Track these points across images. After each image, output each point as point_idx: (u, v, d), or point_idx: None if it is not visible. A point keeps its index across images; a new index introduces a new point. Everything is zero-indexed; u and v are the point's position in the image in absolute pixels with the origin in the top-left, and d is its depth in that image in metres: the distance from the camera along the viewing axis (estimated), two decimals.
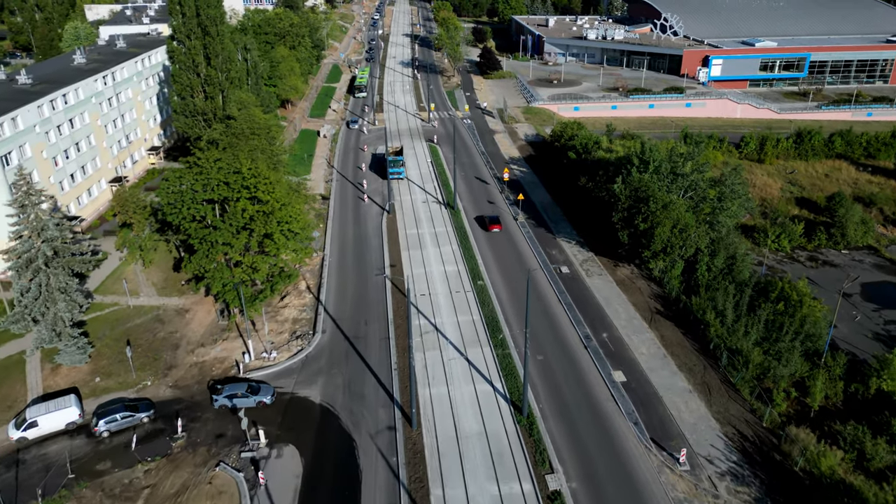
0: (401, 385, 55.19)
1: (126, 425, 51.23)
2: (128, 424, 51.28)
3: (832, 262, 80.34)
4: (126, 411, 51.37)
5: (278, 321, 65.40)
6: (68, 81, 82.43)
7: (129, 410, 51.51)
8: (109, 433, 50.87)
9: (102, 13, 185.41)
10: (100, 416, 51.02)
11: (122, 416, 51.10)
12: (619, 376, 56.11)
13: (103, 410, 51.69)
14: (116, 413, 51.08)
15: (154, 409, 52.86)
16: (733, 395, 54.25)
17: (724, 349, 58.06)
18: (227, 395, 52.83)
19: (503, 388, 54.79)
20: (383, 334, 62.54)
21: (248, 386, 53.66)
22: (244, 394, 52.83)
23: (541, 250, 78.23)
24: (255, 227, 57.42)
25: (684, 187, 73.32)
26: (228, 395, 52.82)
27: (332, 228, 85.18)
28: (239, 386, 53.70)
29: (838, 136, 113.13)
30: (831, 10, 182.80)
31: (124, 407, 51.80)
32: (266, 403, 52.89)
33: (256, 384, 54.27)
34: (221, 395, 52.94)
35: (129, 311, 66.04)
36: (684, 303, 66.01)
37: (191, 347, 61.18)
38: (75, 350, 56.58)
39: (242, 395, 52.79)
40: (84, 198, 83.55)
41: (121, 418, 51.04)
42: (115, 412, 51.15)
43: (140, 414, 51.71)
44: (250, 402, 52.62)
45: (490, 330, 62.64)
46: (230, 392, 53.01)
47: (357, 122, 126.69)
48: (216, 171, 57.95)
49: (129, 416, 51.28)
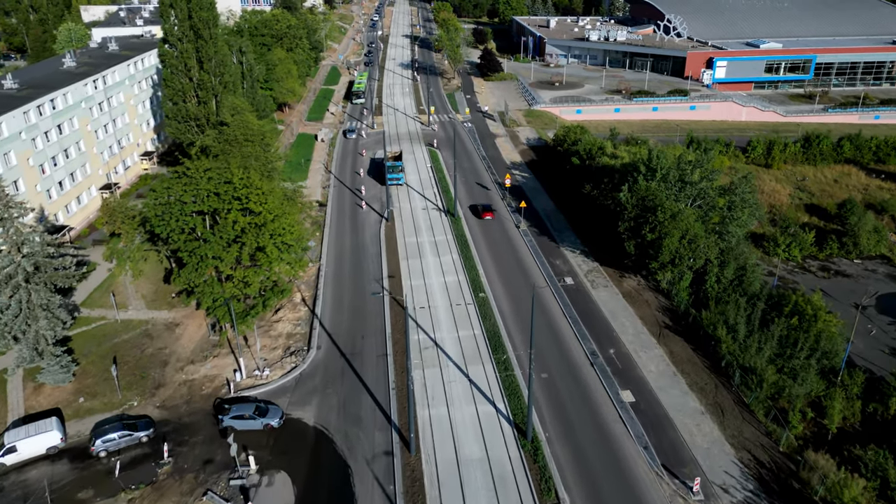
0: (399, 406, 52.68)
1: (124, 445, 49.04)
2: (126, 444, 49.08)
3: (845, 273, 77.81)
4: (125, 430, 49.27)
5: (272, 336, 62.90)
6: (57, 86, 79.93)
7: (127, 429, 49.40)
8: (107, 452, 48.71)
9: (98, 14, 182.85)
10: (97, 435, 48.94)
11: (119, 434, 48.98)
12: (628, 396, 53.61)
13: (101, 429, 49.54)
14: (114, 432, 48.99)
15: (154, 428, 50.60)
16: (747, 416, 51.74)
17: (736, 367, 55.57)
18: (234, 416, 50.22)
19: (506, 410, 52.27)
20: (381, 350, 60.07)
21: (255, 407, 50.91)
22: (251, 415, 50.14)
23: (544, 260, 75.71)
24: (246, 239, 54.90)
25: (693, 196, 70.80)
26: (235, 416, 50.21)
27: (329, 237, 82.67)
28: (246, 407, 51.00)
29: (847, 140, 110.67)
30: (836, 10, 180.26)
31: (123, 426, 49.63)
32: (273, 427, 50.15)
33: (265, 405, 51.52)
34: (228, 416, 50.33)
35: (116, 326, 63.53)
36: (694, 317, 63.50)
37: (180, 364, 58.69)
38: (58, 369, 54.09)
39: (249, 416, 50.12)
40: (73, 206, 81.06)
41: (119, 437, 48.92)
42: (113, 431, 49.05)
43: (139, 433, 49.54)
44: (257, 424, 49.98)
45: (492, 346, 60.13)
46: (237, 413, 50.36)
47: (354, 132, 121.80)
48: (206, 182, 55.45)
49: (127, 434, 49.15)
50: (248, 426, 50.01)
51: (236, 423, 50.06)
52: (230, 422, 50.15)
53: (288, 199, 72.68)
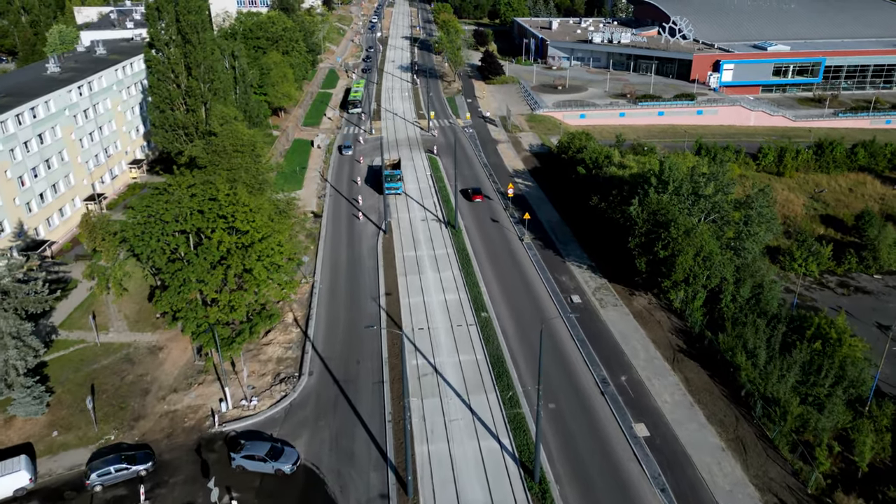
0: (395, 441, 48.93)
1: (121, 479, 45.71)
2: (123, 478, 45.76)
3: (865, 289, 74.08)
4: (122, 463, 45.98)
5: (261, 361, 59.13)
6: (38, 93, 76.19)
7: (125, 462, 46.12)
8: (103, 487, 45.45)
9: (92, 16, 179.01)
10: (93, 469, 45.79)
11: (116, 468, 45.72)
12: (642, 430, 49.85)
13: (97, 462, 46.37)
14: (111, 465, 45.76)
15: (154, 461, 47.11)
16: (771, 452, 47.99)
17: (757, 397, 51.81)
18: (245, 456, 46.30)
19: (511, 446, 48.51)
20: (377, 376, 56.34)
21: (270, 447, 46.65)
22: (263, 457, 45.99)
23: (549, 276, 71.98)
24: (231, 261, 51.12)
25: (707, 210, 67.04)
26: (246, 456, 46.28)
27: (324, 250, 78.94)
28: (260, 446, 46.81)
29: (861, 147, 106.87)
30: (844, 12, 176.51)
31: (120, 458, 46.32)
32: (285, 473, 45.89)
33: (281, 446, 47.35)
34: (240, 455, 46.41)
35: (95, 350, 59.76)
36: (709, 339, 59.75)
37: (162, 393, 54.93)
38: (31, 400, 50.36)
39: (261, 458, 46.01)
40: (55, 218, 77.35)
41: (115, 471, 45.65)
42: (109, 464, 45.86)
43: (137, 466, 46.26)
44: (268, 468, 45.86)
45: (495, 373, 56.36)
46: (249, 452, 46.38)
47: (350, 149, 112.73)
48: (189, 199, 51.69)
49: (124, 468, 45.83)
50: (258, 468, 45.97)
51: (247, 464, 46.17)
52: (241, 461, 46.28)
53: (280, 213, 69.07)
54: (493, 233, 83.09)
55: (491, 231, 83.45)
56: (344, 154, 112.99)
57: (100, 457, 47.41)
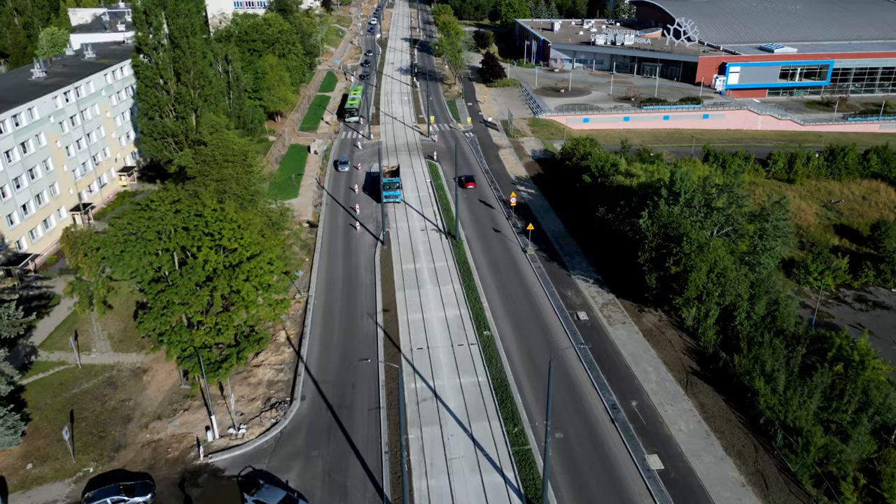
0: (392, 475, 45.80)
1: None
2: None
3: (884, 304, 70.95)
4: (119, 495, 43.35)
5: (251, 384, 56.00)
6: (21, 100, 73.08)
7: (124, 493, 43.53)
8: None
9: (87, 17, 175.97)
10: (88, 500, 43.37)
11: (113, 500, 43.17)
12: (655, 462, 46.73)
13: (93, 494, 43.79)
14: (108, 496, 43.31)
15: (153, 493, 44.32)
16: (794, 487, 44.90)
17: (778, 426, 48.67)
18: (258, 501, 42.82)
19: (516, 480, 45.39)
20: (373, 402, 53.20)
21: (285, 496, 42.94)
22: None
23: (554, 291, 68.87)
24: (218, 283, 47.98)
25: (720, 223, 63.91)
26: (258, 501, 42.80)
27: (320, 263, 75.81)
28: (274, 494, 43.13)
29: (874, 153, 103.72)
30: (852, 14, 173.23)
31: (117, 490, 43.70)
32: None
33: (296, 495, 43.81)
34: (251, 499, 42.97)
35: (76, 373, 56.63)
36: (724, 361, 56.61)
37: (145, 420, 51.77)
38: (4, 431, 47.15)
39: None
40: (39, 230, 74.26)
41: (111, 503, 43.13)
42: (106, 495, 43.44)
43: (136, 498, 43.62)
44: None
45: (499, 397, 53.22)
46: (261, 498, 42.82)
47: (347, 165, 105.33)
48: (172, 216, 48.53)
49: (121, 500, 43.23)
50: None
51: None
52: None
53: (272, 226, 66.00)
54: (496, 244, 79.97)
55: (493, 242, 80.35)
56: (340, 171, 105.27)
57: (97, 486, 44.83)
